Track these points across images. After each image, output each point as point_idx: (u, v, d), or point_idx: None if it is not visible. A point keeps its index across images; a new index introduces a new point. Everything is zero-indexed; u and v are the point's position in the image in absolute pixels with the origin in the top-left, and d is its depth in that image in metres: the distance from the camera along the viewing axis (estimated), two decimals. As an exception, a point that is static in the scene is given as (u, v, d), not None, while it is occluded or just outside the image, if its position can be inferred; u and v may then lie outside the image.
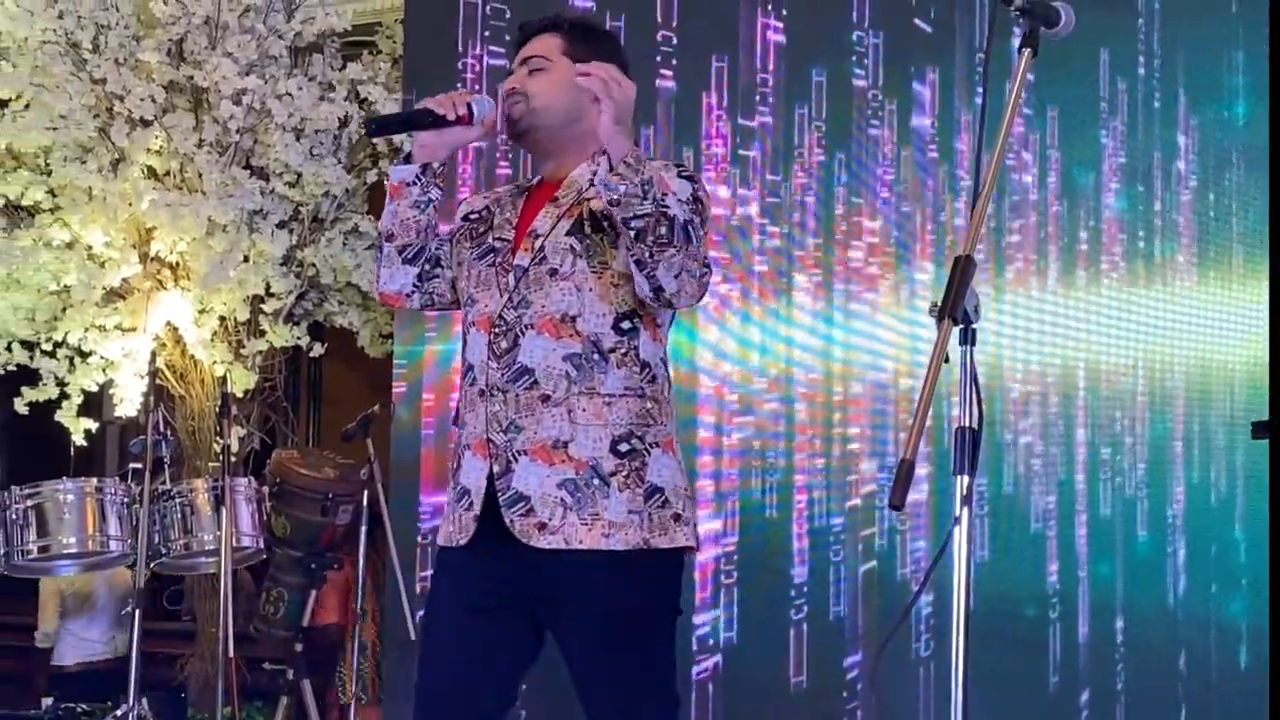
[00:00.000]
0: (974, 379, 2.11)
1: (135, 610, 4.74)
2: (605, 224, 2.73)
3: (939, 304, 2.07)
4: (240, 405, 5.99)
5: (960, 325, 2.09)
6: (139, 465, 4.85)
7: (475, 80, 5.20)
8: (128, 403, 5.96)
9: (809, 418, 4.81)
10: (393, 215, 2.88)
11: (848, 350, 4.80)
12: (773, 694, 4.75)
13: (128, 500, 4.86)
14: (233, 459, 5.26)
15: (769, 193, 4.90)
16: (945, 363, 2.05)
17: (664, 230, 2.57)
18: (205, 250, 5.85)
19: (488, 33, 5.21)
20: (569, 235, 2.77)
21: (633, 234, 2.58)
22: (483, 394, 2.77)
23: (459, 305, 2.95)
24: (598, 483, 2.70)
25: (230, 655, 4.67)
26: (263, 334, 6.09)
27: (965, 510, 2.06)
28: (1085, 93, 4.58)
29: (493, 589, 2.77)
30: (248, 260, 5.91)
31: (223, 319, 6.01)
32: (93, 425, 6.12)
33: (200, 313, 5.99)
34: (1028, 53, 2.30)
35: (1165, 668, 4.45)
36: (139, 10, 5.99)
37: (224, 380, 5.78)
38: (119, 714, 4.80)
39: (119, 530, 4.84)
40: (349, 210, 6.18)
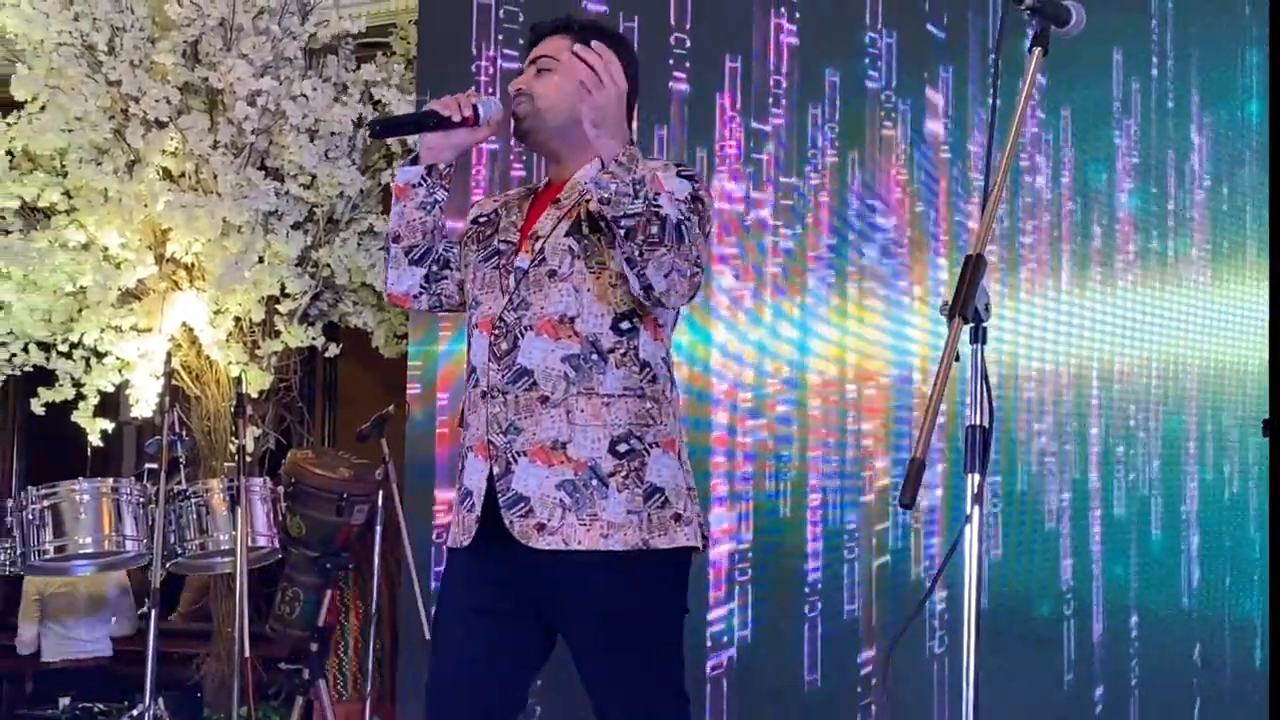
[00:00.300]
0: (984, 377, 2.12)
1: (152, 611, 4.77)
2: (602, 224, 2.70)
3: (950, 302, 2.08)
4: (255, 406, 5.99)
5: (971, 324, 2.10)
6: (155, 465, 4.88)
7: (489, 83, 5.20)
8: (143, 403, 5.97)
9: (822, 417, 4.82)
10: (399, 216, 2.88)
11: (861, 350, 4.81)
12: (786, 691, 4.76)
13: (143, 500, 4.89)
14: (248, 459, 5.27)
15: (782, 194, 4.90)
16: (956, 361, 2.06)
17: (655, 229, 2.55)
18: (220, 251, 5.86)
19: (501, 35, 5.21)
20: (568, 236, 2.76)
21: (623, 232, 2.56)
22: (484, 395, 2.77)
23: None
24: (596, 483, 2.70)
25: (246, 655, 4.70)
26: (278, 334, 6.09)
27: (976, 508, 2.06)
28: (1099, 93, 4.59)
29: (497, 591, 2.77)
30: (263, 261, 5.92)
31: (238, 320, 6.02)
32: (109, 426, 6.12)
33: (215, 313, 6.00)
34: (1038, 51, 2.30)
35: (1180, 664, 4.45)
36: (154, 12, 6.00)
37: (239, 381, 5.80)
38: (135, 713, 4.83)
39: (135, 530, 4.86)
40: (363, 211, 6.18)
